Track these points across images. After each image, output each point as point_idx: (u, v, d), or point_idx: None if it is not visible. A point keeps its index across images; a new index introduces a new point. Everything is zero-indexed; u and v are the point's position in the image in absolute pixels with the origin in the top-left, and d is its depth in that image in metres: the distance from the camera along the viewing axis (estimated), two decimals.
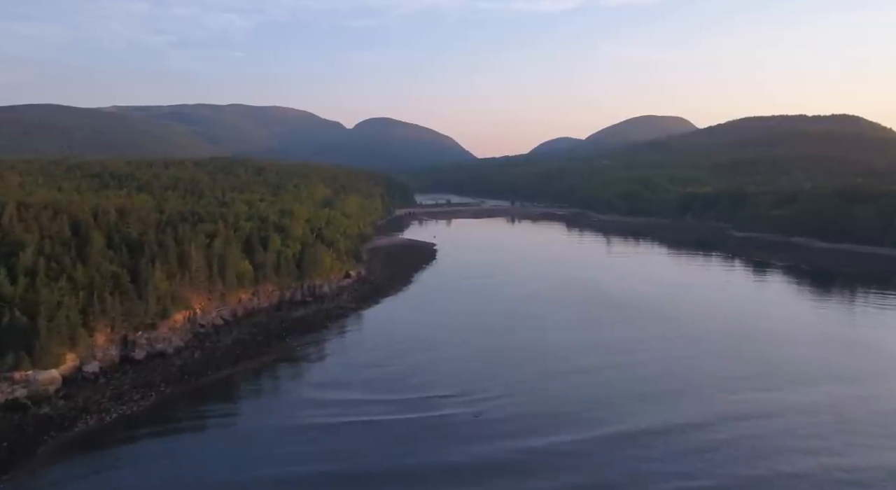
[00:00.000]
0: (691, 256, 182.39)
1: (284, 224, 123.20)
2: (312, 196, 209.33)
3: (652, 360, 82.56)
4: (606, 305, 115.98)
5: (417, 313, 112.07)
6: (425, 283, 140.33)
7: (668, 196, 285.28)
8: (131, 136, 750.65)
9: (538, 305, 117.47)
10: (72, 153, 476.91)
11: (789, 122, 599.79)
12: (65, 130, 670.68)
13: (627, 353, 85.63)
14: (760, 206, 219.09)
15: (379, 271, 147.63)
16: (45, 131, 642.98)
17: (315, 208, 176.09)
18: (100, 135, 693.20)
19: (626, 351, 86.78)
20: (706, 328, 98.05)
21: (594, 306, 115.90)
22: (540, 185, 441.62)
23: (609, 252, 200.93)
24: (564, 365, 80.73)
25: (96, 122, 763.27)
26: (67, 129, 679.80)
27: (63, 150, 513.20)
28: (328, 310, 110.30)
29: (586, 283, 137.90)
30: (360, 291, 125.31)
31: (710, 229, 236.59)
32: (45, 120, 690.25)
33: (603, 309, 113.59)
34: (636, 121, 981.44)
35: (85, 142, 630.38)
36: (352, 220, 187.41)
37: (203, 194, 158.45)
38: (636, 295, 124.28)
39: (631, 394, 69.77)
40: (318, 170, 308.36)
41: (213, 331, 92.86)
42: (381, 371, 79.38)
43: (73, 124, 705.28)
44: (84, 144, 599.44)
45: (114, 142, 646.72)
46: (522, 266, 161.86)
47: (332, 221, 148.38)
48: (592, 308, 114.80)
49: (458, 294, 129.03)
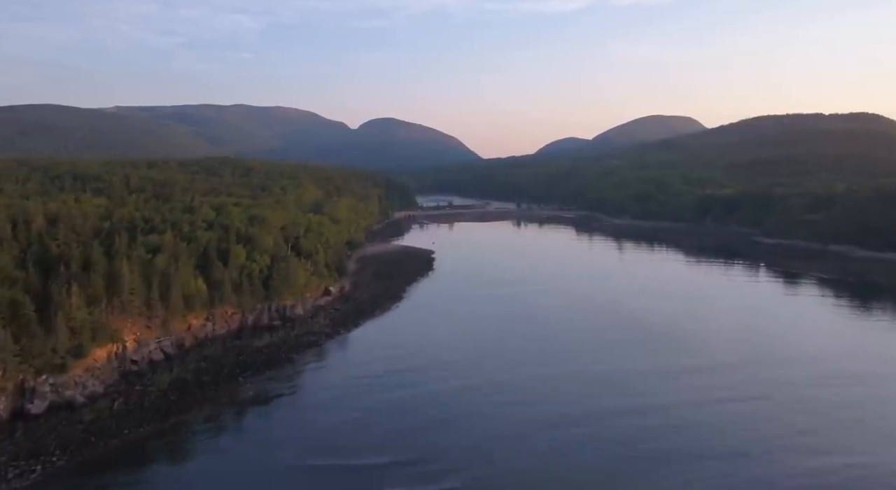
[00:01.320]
0: (719, 266, 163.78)
1: (252, 233, 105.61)
2: (300, 199, 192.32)
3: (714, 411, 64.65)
4: (638, 330, 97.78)
5: (402, 341, 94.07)
6: (417, 299, 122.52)
7: (684, 198, 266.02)
8: (130, 136, 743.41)
9: (550, 327, 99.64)
10: (67, 153, 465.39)
11: (805, 120, 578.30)
12: (63, 130, 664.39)
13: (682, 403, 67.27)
14: (791, 209, 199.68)
15: (366, 285, 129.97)
16: (43, 131, 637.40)
17: (301, 212, 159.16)
18: (98, 135, 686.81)
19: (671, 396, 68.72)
20: (770, 374, 78.48)
21: (624, 331, 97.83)
22: (547, 187, 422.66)
23: (627, 261, 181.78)
24: (590, 425, 62.53)
25: (95, 122, 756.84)
26: (65, 129, 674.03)
27: (59, 150, 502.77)
28: (298, 337, 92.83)
29: (608, 300, 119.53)
30: (340, 312, 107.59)
31: (733, 235, 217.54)
32: (43, 120, 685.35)
33: (636, 334, 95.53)
34: (644, 120, 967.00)
35: (83, 142, 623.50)
36: (341, 225, 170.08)
37: (171, 198, 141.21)
38: (670, 315, 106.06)
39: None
40: (312, 170, 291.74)
41: (149, 369, 75.53)
42: (347, 437, 61.38)
43: (71, 124, 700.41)
44: (82, 144, 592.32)
45: (113, 142, 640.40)
46: (531, 277, 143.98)
47: (312, 229, 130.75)
48: (623, 334, 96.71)
49: (454, 313, 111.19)
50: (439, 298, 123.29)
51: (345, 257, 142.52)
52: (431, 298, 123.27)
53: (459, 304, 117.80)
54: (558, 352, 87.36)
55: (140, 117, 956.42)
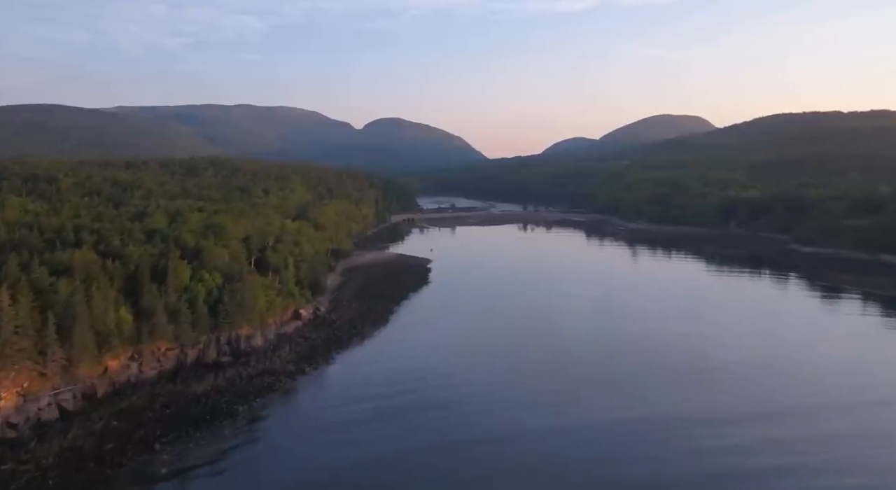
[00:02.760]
0: (755, 279, 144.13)
1: (204, 247, 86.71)
2: (285, 202, 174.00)
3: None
4: (698, 369, 78.42)
5: (384, 380, 75.02)
6: (406, 323, 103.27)
7: (704, 201, 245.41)
8: (127, 136, 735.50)
9: (564, 358, 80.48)
10: (62, 153, 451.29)
11: (824, 118, 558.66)
12: (59, 130, 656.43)
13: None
14: (830, 214, 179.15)
15: (347, 305, 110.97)
16: (40, 131, 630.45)
17: (279, 218, 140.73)
18: (93, 135, 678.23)
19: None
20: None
21: (673, 367, 78.44)
22: (555, 188, 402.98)
23: (651, 273, 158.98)
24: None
25: (94, 121, 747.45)
26: (62, 128, 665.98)
27: (54, 150, 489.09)
28: (251, 378, 73.82)
29: (638, 328, 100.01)
30: (310, 341, 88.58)
31: (762, 242, 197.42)
32: (41, 120, 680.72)
33: (691, 373, 76.16)
34: (652, 120, 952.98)
35: (82, 142, 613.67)
36: (325, 232, 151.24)
37: (126, 202, 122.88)
38: (719, 348, 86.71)
39: None
40: (305, 170, 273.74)
41: (33, 434, 56.58)
42: None
43: (70, 124, 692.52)
44: (81, 144, 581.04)
45: (112, 142, 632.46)
46: (541, 295, 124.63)
47: (286, 238, 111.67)
48: (669, 371, 77.33)
49: (448, 343, 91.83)
50: (432, 322, 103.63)
51: (324, 271, 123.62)
52: (423, 322, 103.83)
53: (455, 331, 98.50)
54: (579, 391, 68.69)
55: (141, 117, 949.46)
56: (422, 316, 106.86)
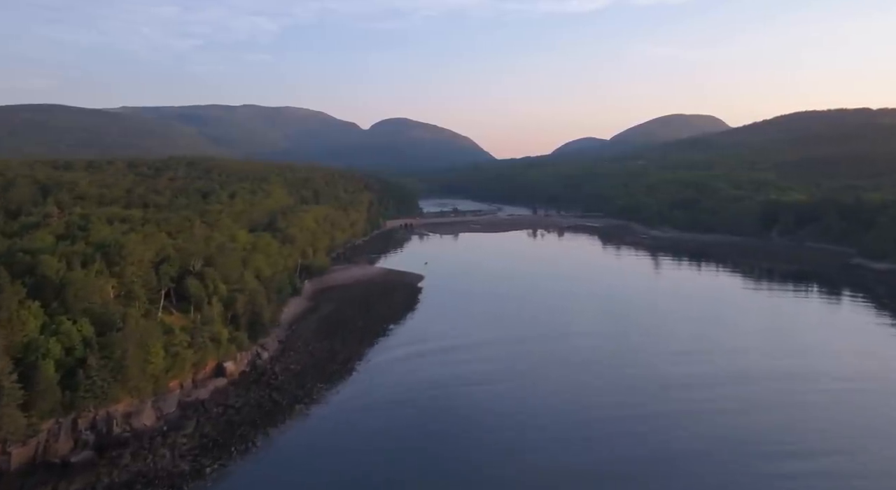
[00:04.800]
0: (829, 304, 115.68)
1: (71, 280, 59.98)
2: (256, 207, 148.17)
3: None
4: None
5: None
6: (375, 375, 75.75)
7: (740, 205, 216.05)
8: (129, 136, 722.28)
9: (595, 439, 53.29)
10: (57, 153, 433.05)
11: (852, 116, 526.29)
12: (58, 130, 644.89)
13: None
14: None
15: (303, 346, 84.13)
16: (39, 131, 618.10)
17: (247, 225, 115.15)
18: (93, 135, 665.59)
19: None
20: None
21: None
22: (567, 190, 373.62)
23: (697, 296, 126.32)
24: None
25: (94, 122, 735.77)
26: (60, 129, 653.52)
27: (51, 150, 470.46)
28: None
29: (702, 388, 72.47)
30: (230, 414, 61.69)
31: (815, 254, 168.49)
32: (40, 120, 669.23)
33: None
34: (665, 120, 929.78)
35: (79, 142, 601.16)
36: (294, 245, 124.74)
37: (29, 211, 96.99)
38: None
39: None
40: (291, 170, 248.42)
41: None
42: None
43: (69, 124, 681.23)
44: (78, 144, 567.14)
45: (112, 142, 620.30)
46: (555, 329, 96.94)
47: (220, 260, 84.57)
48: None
49: (431, 414, 64.56)
50: (412, 377, 75.90)
51: (282, 297, 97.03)
52: (398, 373, 76.58)
53: (441, 394, 71.09)
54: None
55: (143, 118, 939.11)
56: (400, 367, 78.90)
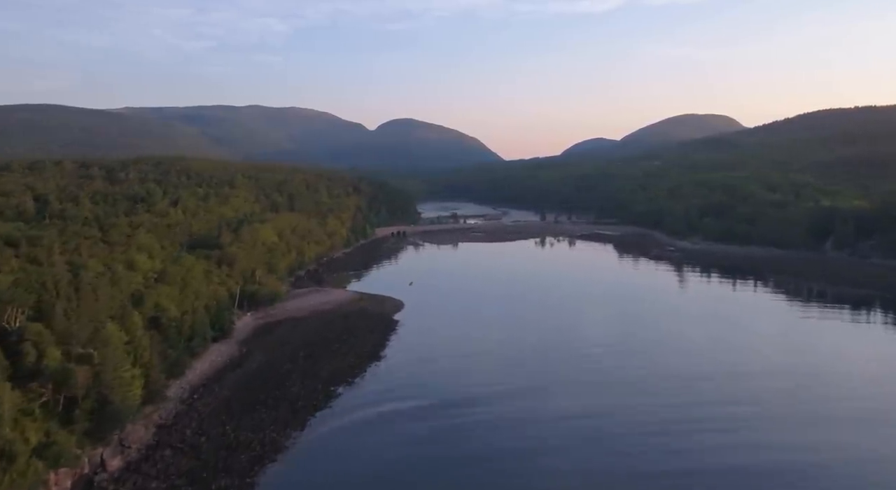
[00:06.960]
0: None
1: None
2: (202, 217, 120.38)
3: None
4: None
5: None
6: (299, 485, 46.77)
7: (782, 212, 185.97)
8: (129, 136, 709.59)
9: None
10: (47, 153, 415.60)
11: (881, 113, 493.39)
12: (51, 130, 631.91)
13: None
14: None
15: (196, 428, 55.97)
16: (36, 131, 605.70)
17: (177, 241, 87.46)
18: (89, 135, 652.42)
19: None
20: None
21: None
22: (578, 193, 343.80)
23: (770, 339, 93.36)
24: None
25: (93, 122, 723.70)
26: (54, 128, 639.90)
27: (43, 150, 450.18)
28: None
29: None
30: None
31: (887, 273, 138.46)
32: (36, 120, 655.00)
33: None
34: (677, 120, 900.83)
35: (74, 142, 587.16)
36: (233, 269, 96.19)
37: None
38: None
39: None
40: (268, 169, 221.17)
41: None
42: None
43: (66, 124, 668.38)
44: (72, 144, 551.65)
45: (111, 142, 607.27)
46: (573, 394, 68.13)
47: (70, 305, 55.71)
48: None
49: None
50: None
51: (185, 351, 68.64)
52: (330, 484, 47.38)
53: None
54: None
55: (145, 118, 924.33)
56: (336, 468, 50.00)
